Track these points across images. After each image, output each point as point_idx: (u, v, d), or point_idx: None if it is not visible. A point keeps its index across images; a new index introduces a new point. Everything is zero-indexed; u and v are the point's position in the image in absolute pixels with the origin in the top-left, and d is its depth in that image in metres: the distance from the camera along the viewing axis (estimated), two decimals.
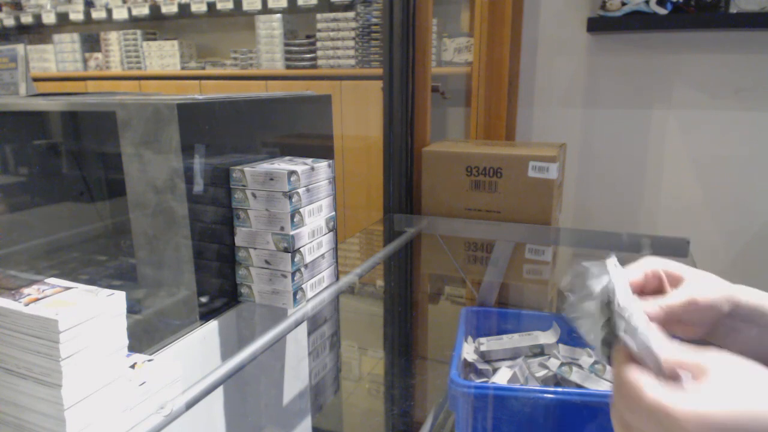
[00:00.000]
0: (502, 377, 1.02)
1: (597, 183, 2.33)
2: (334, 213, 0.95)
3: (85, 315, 0.53)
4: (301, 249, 0.86)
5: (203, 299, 0.82)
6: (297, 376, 1.05)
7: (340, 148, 2.66)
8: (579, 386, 0.99)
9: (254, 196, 0.84)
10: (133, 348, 0.61)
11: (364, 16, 2.74)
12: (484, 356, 1.11)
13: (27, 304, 0.53)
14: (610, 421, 0.39)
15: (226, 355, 0.85)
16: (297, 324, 0.86)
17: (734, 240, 2.14)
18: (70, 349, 0.52)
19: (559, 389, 0.96)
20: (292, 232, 0.83)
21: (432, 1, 1.58)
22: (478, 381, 1.04)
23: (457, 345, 1.06)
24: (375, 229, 1.65)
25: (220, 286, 0.86)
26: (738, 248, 2.14)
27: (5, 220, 0.98)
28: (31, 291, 0.56)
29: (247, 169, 0.84)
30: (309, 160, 0.91)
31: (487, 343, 1.12)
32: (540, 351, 1.10)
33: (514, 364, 1.06)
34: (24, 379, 0.54)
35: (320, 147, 1.10)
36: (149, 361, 0.62)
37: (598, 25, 2.14)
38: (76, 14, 3.57)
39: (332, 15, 2.83)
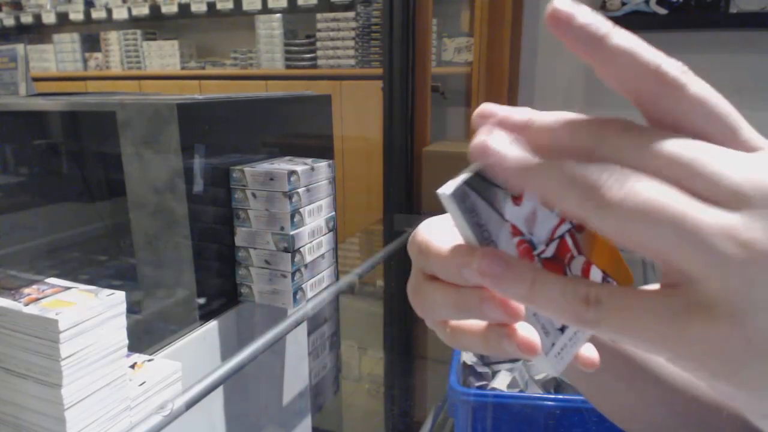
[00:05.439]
0: (501, 382, 1.02)
1: None
2: (334, 213, 0.95)
3: (85, 315, 0.53)
4: (301, 249, 0.86)
5: (203, 299, 0.83)
6: (297, 376, 1.05)
7: (340, 148, 2.65)
8: None
9: (254, 196, 0.84)
10: (133, 348, 0.61)
11: (364, 16, 2.74)
12: (484, 359, 1.11)
13: (27, 304, 0.53)
14: (610, 427, 0.39)
15: (226, 355, 0.85)
16: (297, 324, 0.86)
17: None
18: (70, 349, 0.52)
19: (560, 396, 0.95)
20: (292, 232, 0.83)
21: (432, 1, 1.58)
22: (478, 385, 1.04)
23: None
24: (375, 229, 1.65)
25: (219, 286, 0.86)
26: None
27: (5, 220, 0.98)
28: (31, 291, 0.56)
29: (247, 169, 0.84)
30: (309, 160, 0.91)
31: None
32: None
33: (514, 368, 1.05)
34: (24, 379, 0.54)
35: (320, 147, 1.10)
36: (149, 361, 0.62)
37: None
38: (76, 14, 3.57)
39: (332, 15, 2.82)
